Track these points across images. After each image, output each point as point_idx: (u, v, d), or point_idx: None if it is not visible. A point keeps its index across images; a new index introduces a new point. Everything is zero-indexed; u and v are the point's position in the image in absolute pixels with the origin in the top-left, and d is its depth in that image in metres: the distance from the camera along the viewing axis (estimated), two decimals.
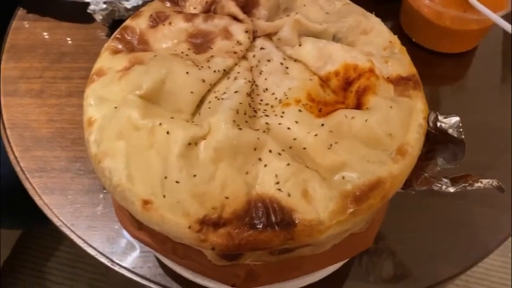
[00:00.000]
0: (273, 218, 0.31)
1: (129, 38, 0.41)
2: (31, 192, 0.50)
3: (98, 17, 0.61)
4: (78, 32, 0.65)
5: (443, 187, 0.38)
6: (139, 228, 0.37)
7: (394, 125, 0.35)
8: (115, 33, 0.41)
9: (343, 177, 0.33)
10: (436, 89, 0.65)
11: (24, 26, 0.65)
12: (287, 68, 0.39)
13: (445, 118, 0.39)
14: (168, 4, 0.43)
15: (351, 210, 0.32)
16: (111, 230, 0.48)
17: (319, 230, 0.31)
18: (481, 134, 0.58)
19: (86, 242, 0.47)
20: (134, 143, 0.33)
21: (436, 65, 0.65)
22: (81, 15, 0.63)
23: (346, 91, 0.38)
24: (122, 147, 0.33)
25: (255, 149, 0.33)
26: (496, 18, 0.55)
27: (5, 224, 0.80)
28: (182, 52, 0.38)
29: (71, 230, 0.48)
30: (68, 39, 0.65)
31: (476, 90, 0.64)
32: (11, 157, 0.52)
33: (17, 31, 0.64)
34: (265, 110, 0.36)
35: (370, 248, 0.48)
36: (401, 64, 0.40)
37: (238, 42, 0.39)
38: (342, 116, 0.35)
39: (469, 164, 0.40)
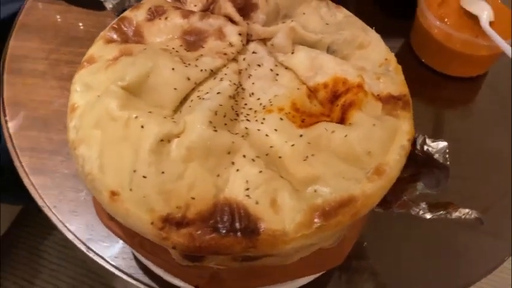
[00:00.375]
0: (238, 224, 0.31)
1: (125, 29, 0.41)
2: (19, 170, 0.51)
3: (108, 6, 0.61)
4: (88, 17, 0.66)
5: (421, 212, 0.38)
6: (110, 218, 0.37)
7: (374, 144, 0.34)
8: (112, 22, 0.42)
9: (315, 191, 0.32)
10: (441, 111, 0.64)
11: (38, 6, 0.66)
12: (277, 74, 0.39)
13: (432, 142, 0.38)
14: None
15: (318, 224, 0.31)
16: (92, 217, 0.48)
17: (283, 241, 0.31)
18: (481, 160, 0.57)
19: (65, 225, 0.47)
20: (110, 133, 0.33)
21: (443, 87, 0.64)
22: (95, 1, 0.64)
23: (333, 104, 0.37)
24: (97, 136, 0.33)
25: (228, 153, 0.32)
26: (507, 47, 0.53)
27: (5, 199, 0.82)
28: (173, 48, 0.38)
29: (53, 212, 0.48)
30: (80, 24, 0.66)
31: (482, 116, 0.63)
32: (6, 134, 0.53)
33: (30, 11, 0.65)
34: (247, 115, 0.36)
35: (352, 265, 0.47)
36: (394, 83, 0.39)
37: (230, 43, 0.38)
38: (322, 129, 0.34)
39: (462, 190, 0.39)
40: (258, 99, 0.37)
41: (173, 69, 0.35)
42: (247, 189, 0.32)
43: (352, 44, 0.41)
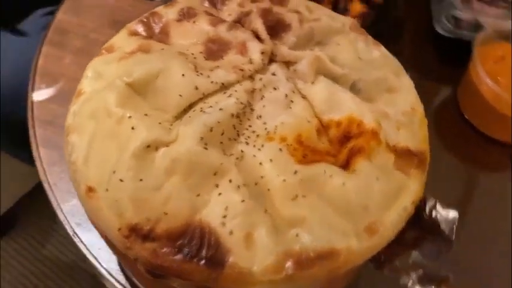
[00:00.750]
0: (204, 252, 0.29)
1: (153, 24, 0.40)
2: (32, 140, 0.51)
3: None
4: (140, 5, 0.66)
5: (409, 283, 0.34)
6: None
7: (373, 199, 0.31)
8: (143, 15, 0.41)
9: (297, 235, 0.30)
10: (474, 174, 0.59)
11: None
12: (291, 101, 0.37)
13: (443, 209, 0.35)
14: (206, 4, 0.42)
15: (289, 272, 0.29)
16: None
17: (247, 282, 0.29)
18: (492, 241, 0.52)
19: (58, 204, 0.47)
20: (102, 127, 0.32)
21: (482, 149, 0.59)
22: None
23: (342, 146, 0.34)
24: (90, 127, 0.32)
25: (215, 174, 0.31)
26: None
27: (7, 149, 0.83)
28: (192, 54, 0.37)
29: (51, 189, 0.48)
30: (130, 9, 0.66)
31: None
32: (28, 101, 0.54)
33: None
34: (248, 137, 0.34)
35: None
36: (415, 136, 0.36)
37: (250, 60, 0.37)
38: (320, 170, 0.32)
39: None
40: (264, 123, 0.35)
41: (183, 75, 0.34)
42: (225, 216, 0.30)
43: (380, 86, 0.38)
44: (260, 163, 0.32)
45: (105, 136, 0.31)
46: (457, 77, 0.63)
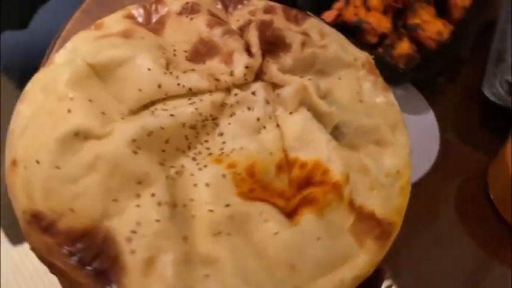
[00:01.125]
0: (98, 263, 0.26)
1: (153, 12, 0.38)
2: None
3: None
4: None
5: None
6: None
7: (305, 260, 0.27)
8: (149, 1, 0.39)
9: (205, 276, 0.26)
10: (484, 263, 0.51)
11: None
12: (264, 127, 0.33)
13: None
14: (218, 5, 0.40)
15: None
16: None
17: None
18: None
19: None
20: (46, 102, 0.30)
21: (496, 235, 0.51)
22: None
23: (300, 190, 0.30)
24: (38, 99, 0.30)
25: (138, 182, 0.28)
26: None
27: None
28: (175, 50, 0.34)
29: None
30: None
31: None
32: (45, 57, 0.54)
33: None
34: (199, 153, 0.31)
35: None
36: (388, 203, 0.31)
37: (231, 72, 0.33)
38: (257, 210, 0.28)
39: None
40: (224, 142, 0.31)
41: (149, 69, 0.31)
42: (134, 232, 0.27)
43: (368, 135, 0.33)
44: (195, 184, 0.28)
45: (45, 113, 0.29)
46: (496, 149, 0.55)
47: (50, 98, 0.30)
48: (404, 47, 0.60)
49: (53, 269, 0.27)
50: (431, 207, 0.52)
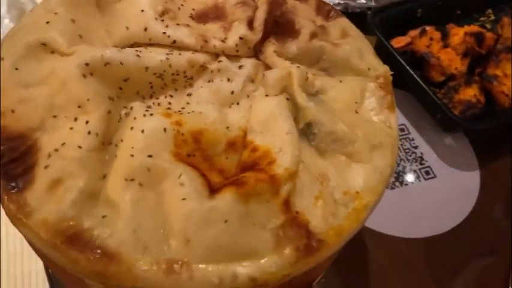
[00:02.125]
0: (13, 167, 0.26)
1: None
2: None
3: None
4: None
5: None
6: None
7: (202, 238, 0.25)
8: None
9: (103, 217, 0.25)
10: None
11: None
12: (237, 104, 0.31)
13: None
14: None
15: (57, 244, 0.24)
16: None
17: (18, 219, 0.25)
18: None
19: None
20: (38, 13, 0.31)
21: None
22: None
23: (242, 173, 0.28)
24: (35, 11, 0.31)
25: (78, 106, 0.28)
26: None
27: None
28: (182, 5, 0.34)
29: None
30: None
31: None
32: None
33: None
34: (157, 104, 0.30)
35: None
36: (328, 220, 0.27)
37: (224, 39, 0.32)
38: (177, 171, 0.26)
39: None
40: (187, 103, 0.30)
41: (142, 11, 0.31)
42: (56, 150, 0.26)
43: (341, 145, 0.30)
44: (132, 127, 0.28)
45: (32, 21, 0.31)
46: None
47: (41, 9, 0.31)
48: (468, 93, 0.54)
49: None
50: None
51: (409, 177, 0.50)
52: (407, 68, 0.53)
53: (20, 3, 0.64)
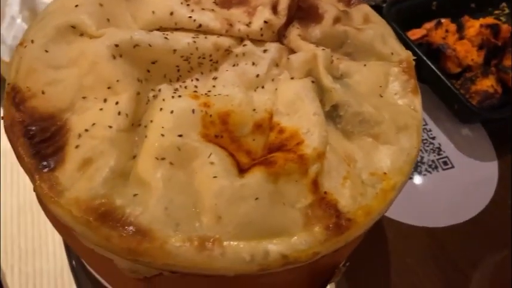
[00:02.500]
0: (44, 147, 0.26)
1: None
2: None
3: None
4: None
5: None
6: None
7: (233, 215, 0.25)
8: None
9: (134, 195, 0.26)
10: None
11: None
12: (262, 87, 0.31)
13: None
14: None
15: (90, 220, 0.25)
16: None
17: (51, 198, 0.25)
18: None
19: None
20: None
21: None
22: None
23: (270, 154, 0.28)
24: None
25: (108, 87, 0.28)
26: None
27: None
28: None
29: None
30: None
31: None
32: None
33: None
34: (184, 87, 0.30)
35: None
36: (357, 201, 0.27)
37: (248, 24, 0.32)
38: (206, 151, 0.26)
39: None
40: (213, 86, 0.30)
41: None
42: (87, 130, 0.27)
43: (367, 126, 0.30)
44: (161, 108, 0.28)
45: (61, 4, 0.31)
46: None
47: None
48: (485, 84, 0.54)
49: (10, 142, 0.28)
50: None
51: (427, 168, 0.50)
52: (425, 59, 0.53)
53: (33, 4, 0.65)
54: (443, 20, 0.58)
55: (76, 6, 0.30)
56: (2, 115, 0.29)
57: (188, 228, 0.25)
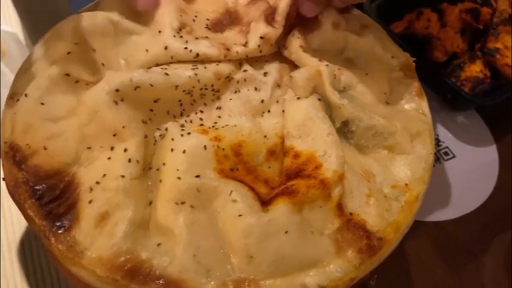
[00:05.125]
0: (55, 205, 0.25)
1: None
2: None
3: None
4: None
5: None
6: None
7: (265, 252, 0.24)
8: None
9: (158, 245, 0.24)
10: None
11: None
12: (268, 111, 0.30)
13: None
14: None
15: (117, 278, 0.23)
16: None
17: (72, 259, 0.24)
18: None
19: None
20: (56, 45, 0.29)
21: None
22: None
23: (288, 181, 0.27)
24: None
25: (114, 135, 0.27)
26: None
27: None
28: (196, 17, 0.33)
29: None
30: None
31: None
32: None
33: None
34: (190, 122, 0.29)
35: None
36: (383, 217, 0.27)
37: (245, 44, 0.31)
38: (227, 189, 0.26)
39: None
40: (219, 117, 0.30)
41: (160, 32, 0.30)
42: (98, 183, 0.26)
43: (380, 138, 0.29)
44: (172, 149, 0.27)
45: (49, 52, 0.29)
46: None
47: (59, 41, 0.29)
48: (474, 69, 0.54)
49: (16, 203, 0.26)
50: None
51: None
52: (410, 51, 0.53)
53: None
54: (423, 10, 0.58)
55: (68, 53, 0.28)
56: (2, 176, 0.28)
57: (220, 273, 0.24)
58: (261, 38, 0.31)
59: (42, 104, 0.27)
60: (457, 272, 0.45)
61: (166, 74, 0.28)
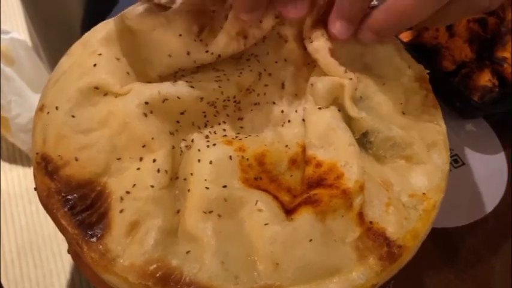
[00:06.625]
0: (86, 215, 0.26)
1: None
2: None
3: None
4: None
5: None
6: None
7: (291, 260, 0.25)
8: None
9: (187, 252, 0.25)
10: None
11: None
12: (288, 121, 0.31)
13: None
14: None
15: (149, 285, 0.24)
16: None
17: (105, 267, 0.25)
18: None
19: None
20: (80, 56, 0.30)
21: None
22: None
23: (310, 190, 0.28)
24: (76, 53, 0.31)
25: (143, 146, 0.28)
26: None
27: None
28: (213, 11, 0.33)
29: None
30: None
31: None
32: None
33: None
34: (214, 133, 0.30)
35: None
36: (402, 225, 0.28)
37: (259, 25, 0.31)
38: (253, 198, 0.27)
39: None
40: (241, 127, 0.31)
41: (180, 35, 0.30)
42: (128, 192, 0.27)
43: (398, 149, 0.30)
44: (199, 160, 0.28)
45: (77, 65, 0.30)
46: None
47: (84, 52, 0.31)
48: (482, 78, 0.55)
49: (49, 213, 0.27)
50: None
51: None
52: (421, 60, 0.54)
53: None
54: None
55: (94, 65, 0.29)
56: (34, 186, 0.29)
57: (247, 279, 0.25)
58: (276, 17, 0.31)
59: (73, 116, 0.28)
60: (468, 277, 0.46)
61: (192, 86, 0.29)
